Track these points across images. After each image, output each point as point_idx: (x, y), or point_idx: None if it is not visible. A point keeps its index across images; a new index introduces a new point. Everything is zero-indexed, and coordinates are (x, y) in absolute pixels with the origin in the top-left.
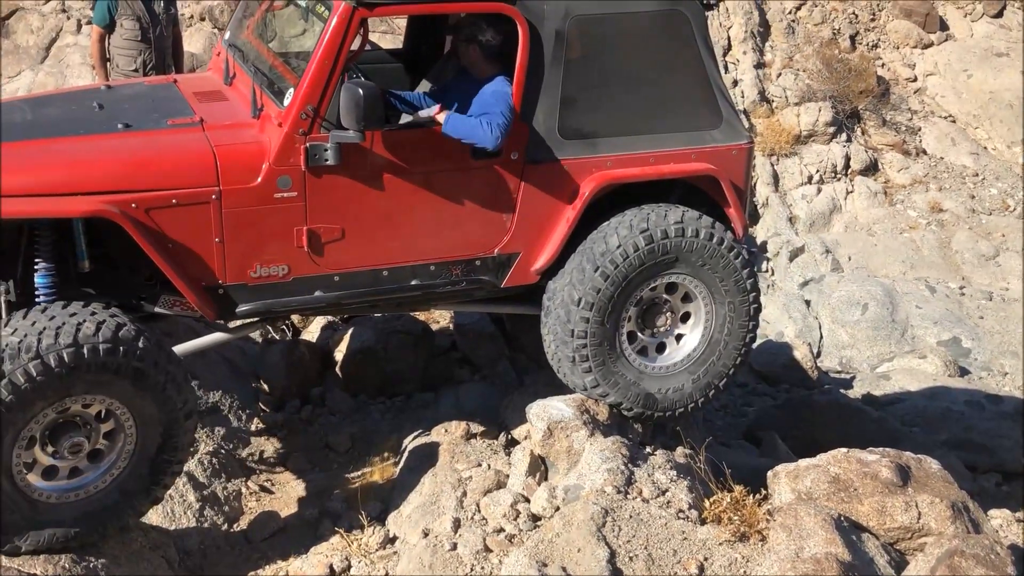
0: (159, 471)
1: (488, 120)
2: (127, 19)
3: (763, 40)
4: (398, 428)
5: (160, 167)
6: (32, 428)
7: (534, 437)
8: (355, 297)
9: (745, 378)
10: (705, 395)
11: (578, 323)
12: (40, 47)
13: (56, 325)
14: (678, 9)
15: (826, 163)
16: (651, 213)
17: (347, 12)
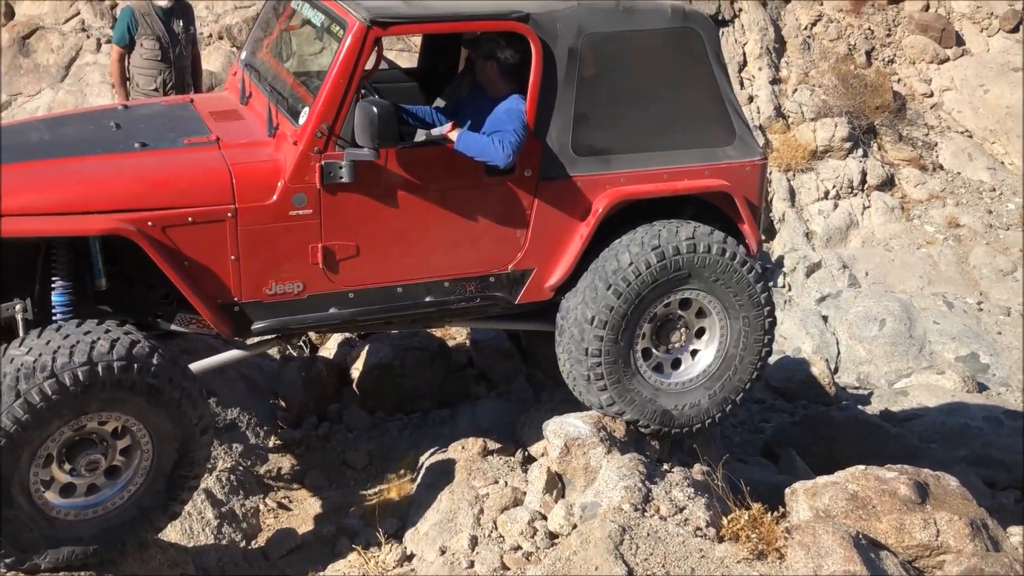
0: (176, 487)
1: (500, 138)
2: (147, 39)
3: (779, 56)
4: (415, 445)
5: (176, 185)
6: (49, 446)
7: (551, 454)
8: (370, 314)
9: (762, 394)
10: (722, 410)
11: (592, 341)
12: (60, 66)
13: (71, 344)
14: (690, 27)
15: (842, 178)
16: (662, 229)
17: (361, 31)
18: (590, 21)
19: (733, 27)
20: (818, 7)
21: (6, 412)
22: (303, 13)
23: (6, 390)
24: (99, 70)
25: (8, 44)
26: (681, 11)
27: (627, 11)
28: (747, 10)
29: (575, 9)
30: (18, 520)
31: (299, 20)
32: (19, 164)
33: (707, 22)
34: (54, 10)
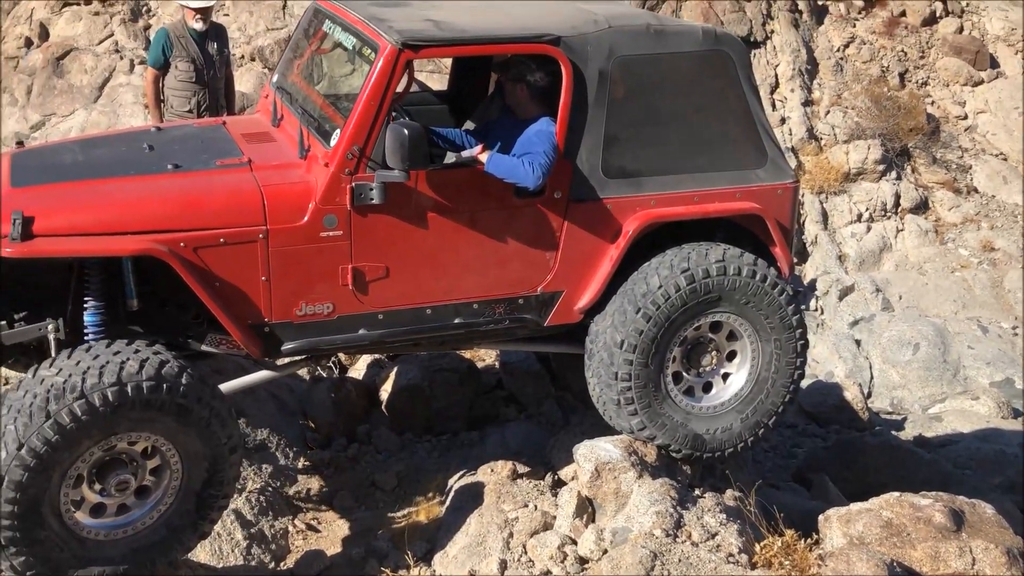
0: (205, 506)
1: (530, 160)
2: (182, 60)
3: (811, 78)
4: (444, 467)
5: (209, 207)
6: (79, 467)
7: (581, 478)
8: (399, 335)
9: (794, 419)
10: (754, 434)
11: (621, 366)
12: (94, 87)
13: (100, 364)
14: (722, 50)
15: (876, 201)
16: (692, 252)
17: (393, 54)
18: (621, 44)
19: (765, 49)
20: (851, 29)
21: (36, 433)
22: (335, 36)
23: (36, 411)
24: (132, 91)
25: (43, 65)
26: (712, 33)
27: (658, 34)
28: (779, 32)
29: (606, 32)
30: (49, 540)
31: (330, 43)
32: (53, 185)
33: (738, 44)
34: (88, 31)
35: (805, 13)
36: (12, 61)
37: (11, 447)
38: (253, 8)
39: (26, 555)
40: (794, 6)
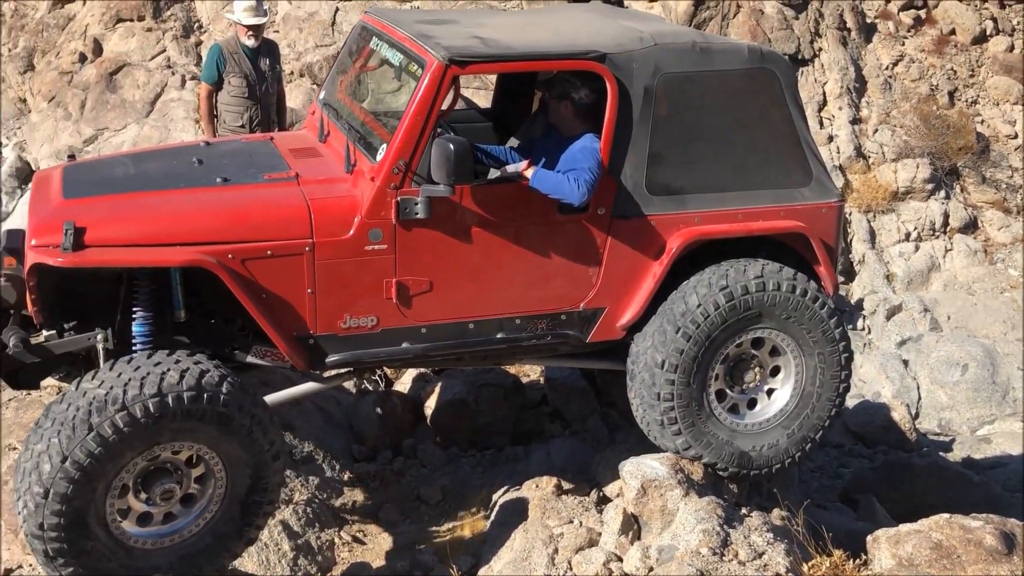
0: (251, 512)
1: (575, 176)
2: (235, 76)
3: (859, 96)
4: (489, 481)
5: (256, 219)
6: (124, 477)
7: (627, 495)
8: (442, 349)
9: (841, 439)
10: (801, 449)
11: (663, 386)
12: (146, 101)
13: (141, 376)
14: (767, 67)
15: (924, 220)
16: (730, 270)
17: (440, 70)
18: (666, 61)
19: (813, 66)
20: (900, 47)
21: (79, 446)
22: (381, 53)
23: (79, 424)
24: (183, 106)
25: (96, 80)
26: (758, 51)
27: (703, 51)
28: (827, 49)
29: (652, 49)
30: (96, 551)
31: (377, 60)
32: (104, 197)
33: (784, 63)
34: (141, 47)
35: (853, 31)
36: (66, 76)
37: (55, 460)
38: (303, 25)
39: (74, 566)
40: (842, 24)
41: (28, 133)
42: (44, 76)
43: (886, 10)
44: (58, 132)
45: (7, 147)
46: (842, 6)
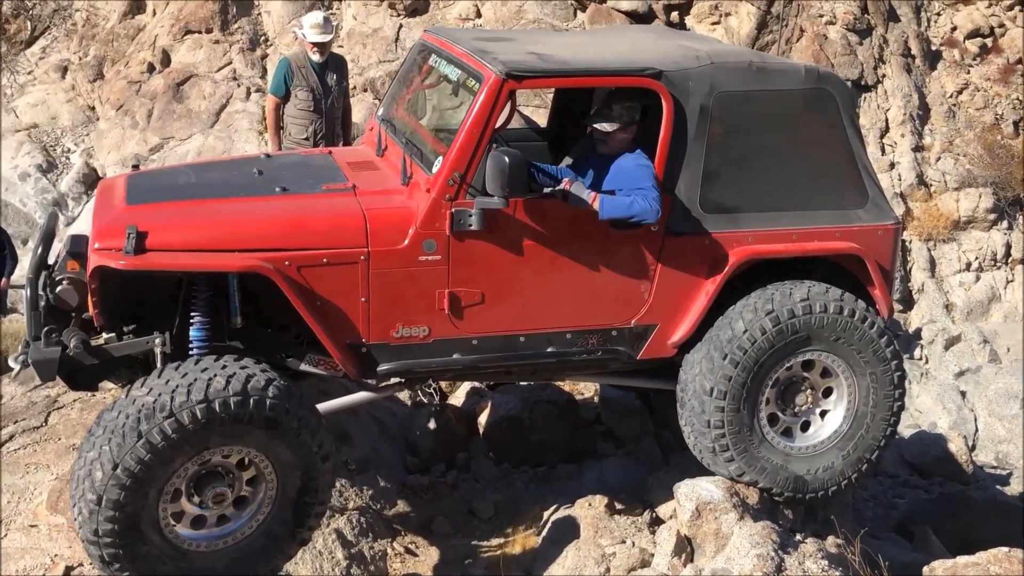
0: (303, 514)
1: (643, 195)
2: (301, 90)
3: (922, 123)
4: (541, 498)
5: (313, 228)
6: (175, 482)
7: (681, 517)
8: (492, 361)
9: (896, 469)
10: (857, 470)
11: (713, 413)
12: (211, 112)
13: (188, 382)
14: (825, 88)
15: (986, 250)
16: (775, 293)
17: (497, 84)
18: (722, 80)
19: (876, 93)
20: (964, 75)
21: (130, 453)
22: (440, 69)
23: (128, 431)
24: (247, 117)
25: (163, 90)
26: (815, 72)
27: (760, 71)
28: (891, 76)
29: (708, 68)
30: (152, 555)
31: (436, 77)
32: (166, 203)
33: (842, 84)
34: (208, 59)
35: (918, 58)
36: (135, 85)
37: (107, 467)
38: (367, 40)
39: (130, 570)
40: (907, 50)
41: (96, 140)
42: (113, 85)
43: (951, 37)
44: (125, 140)
45: (75, 153)
46: (907, 33)
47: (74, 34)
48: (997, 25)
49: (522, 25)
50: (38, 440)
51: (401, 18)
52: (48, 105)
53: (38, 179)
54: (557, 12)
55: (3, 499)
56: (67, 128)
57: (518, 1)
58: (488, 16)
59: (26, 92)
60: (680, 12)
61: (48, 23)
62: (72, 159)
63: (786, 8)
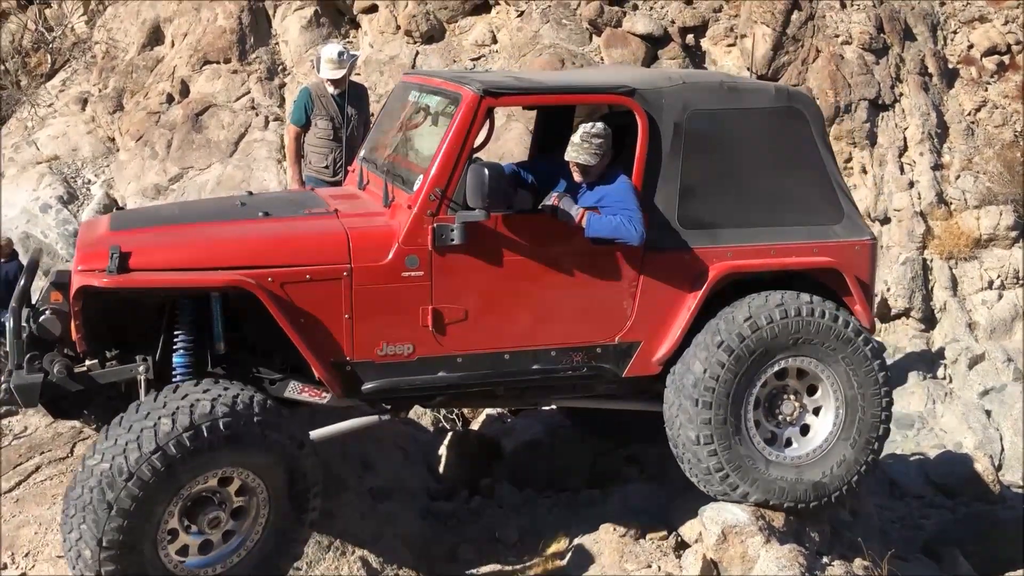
0: (301, 501)
1: (628, 217)
2: (321, 119)
3: (941, 142)
4: (566, 524)
5: (296, 245)
6: (165, 526)
7: (707, 540)
8: (477, 379)
9: (922, 490)
10: (871, 452)
11: (707, 459)
12: (230, 142)
13: (136, 434)
14: (795, 107)
15: (1007, 268)
16: (721, 323)
17: (475, 100)
18: (695, 98)
19: (893, 111)
20: (983, 93)
21: (108, 524)
22: (420, 102)
23: (98, 505)
24: (266, 146)
25: (182, 120)
26: (785, 91)
27: (731, 90)
28: (908, 95)
29: (680, 87)
30: None
31: (415, 110)
32: (150, 228)
33: (811, 103)
34: (226, 88)
35: (935, 76)
36: (154, 116)
37: (92, 544)
38: (383, 68)
39: None
40: (924, 69)
41: (116, 171)
42: (132, 116)
43: (968, 55)
44: (145, 170)
45: (96, 184)
46: (923, 51)
47: (94, 66)
48: (1014, 42)
49: (537, 51)
50: (64, 471)
51: (417, 45)
52: (68, 137)
53: (59, 210)
54: (573, 37)
55: (31, 530)
56: (87, 159)
57: (534, 27)
58: (504, 42)
59: (47, 124)
60: (696, 35)
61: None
62: (93, 190)
63: (801, 29)
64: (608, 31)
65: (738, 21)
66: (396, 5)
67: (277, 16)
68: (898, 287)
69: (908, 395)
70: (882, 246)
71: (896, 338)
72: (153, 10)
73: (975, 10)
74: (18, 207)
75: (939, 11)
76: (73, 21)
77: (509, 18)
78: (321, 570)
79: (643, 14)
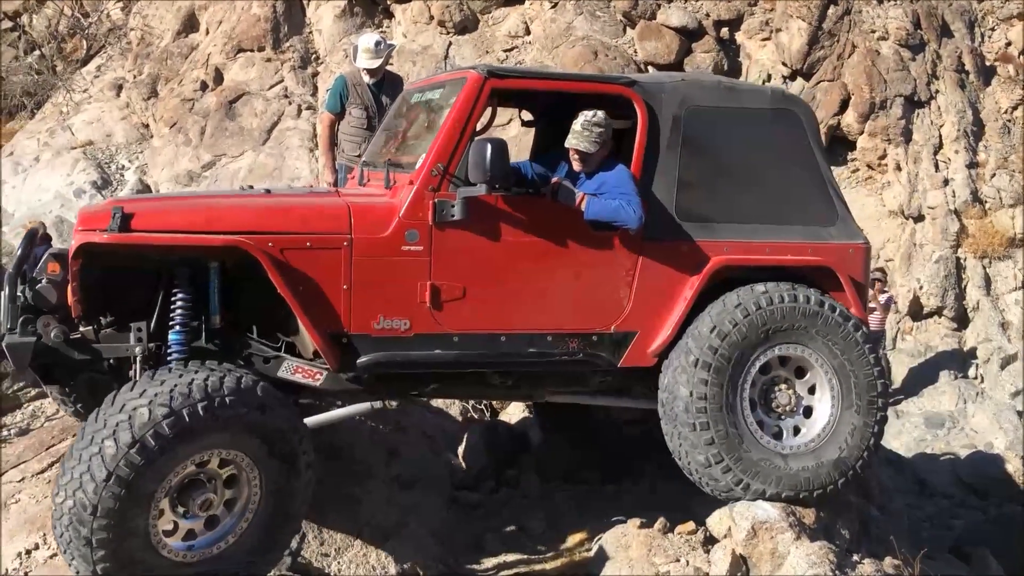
0: (290, 459)
1: (629, 201)
2: (356, 108)
3: (976, 139)
4: (592, 516)
5: (298, 213)
6: (155, 525)
7: (736, 536)
8: (473, 359)
9: (953, 489)
10: (877, 409)
11: (724, 476)
12: (262, 130)
13: (102, 439)
14: (790, 109)
15: None
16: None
17: (478, 80)
18: (693, 94)
19: (929, 109)
20: (1020, 91)
21: (96, 525)
22: (424, 98)
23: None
24: (298, 135)
25: (216, 108)
26: (781, 93)
27: (729, 89)
28: (944, 92)
29: (680, 83)
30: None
31: (417, 109)
32: (153, 199)
33: (806, 106)
34: (260, 77)
35: (972, 74)
36: (188, 103)
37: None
38: (416, 58)
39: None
40: (960, 66)
41: (150, 157)
42: (167, 103)
43: (1006, 53)
44: (178, 157)
45: (129, 170)
46: (960, 48)
47: (129, 53)
48: None
49: (570, 43)
50: None
51: (451, 35)
52: (103, 123)
53: (93, 196)
54: (607, 29)
55: None
56: (121, 145)
57: (567, 19)
58: (537, 33)
59: (82, 110)
60: (730, 28)
61: (103, 42)
62: (126, 176)
63: (837, 24)
64: (642, 24)
65: (774, 15)
66: None
67: (311, 5)
68: (931, 285)
69: (939, 394)
70: (915, 244)
71: (928, 336)
72: None
73: (1013, 7)
74: (52, 191)
75: (976, 8)
76: (109, 7)
77: (543, 9)
78: (349, 557)
79: (678, 7)
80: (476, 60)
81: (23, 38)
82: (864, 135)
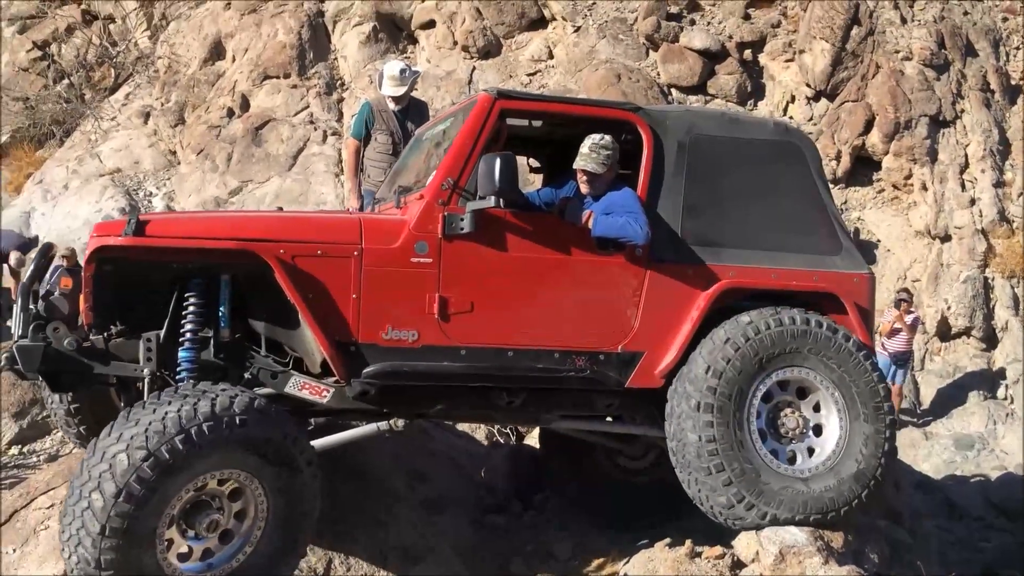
0: (288, 460)
1: (635, 219)
2: (381, 133)
3: (1003, 159)
4: (618, 540)
5: (309, 224)
6: (163, 546)
7: (764, 560)
8: (480, 372)
9: (982, 511)
10: (884, 413)
11: (747, 513)
12: (288, 155)
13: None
14: (792, 142)
15: None
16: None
17: (488, 100)
18: (698, 123)
19: (954, 128)
20: None
21: (104, 545)
22: (434, 131)
23: (92, 537)
24: (324, 160)
25: (242, 134)
26: (783, 126)
27: (733, 120)
28: (969, 111)
29: (685, 112)
30: None
31: (427, 140)
32: (167, 213)
33: (808, 140)
34: (286, 103)
35: (997, 92)
36: (215, 130)
37: None
38: (440, 83)
39: None
40: (985, 85)
41: (177, 184)
42: (194, 130)
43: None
44: (205, 184)
45: (157, 197)
46: (985, 67)
47: (156, 80)
48: None
49: (593, 66)
50: None
51: (474, 60)
52: (131, 150)
53: None
54: (629, 52)
55: None
56: (149, 172)
57: (590, 42)
58: (560, 57)
59: (110, 138)
60: (753, 50)
61: (131, 70)
62: (154, 203)
63: (861, 44)
64: (665, 46)
65: (797, 36)
66: (453, 21)
67: (336, 32)
68: (959, 305)
69: (968, 415)
70: (942, 264)
71: (956, 357)
72: (215, 25)
73: None
74: (81, 218)
75: (1001, 27)
76: (136, 36)
77: (566, 33)
78: None
79: (700, 29)
80: (500, 84)
81: (52, 67)
82: (889, 155)
